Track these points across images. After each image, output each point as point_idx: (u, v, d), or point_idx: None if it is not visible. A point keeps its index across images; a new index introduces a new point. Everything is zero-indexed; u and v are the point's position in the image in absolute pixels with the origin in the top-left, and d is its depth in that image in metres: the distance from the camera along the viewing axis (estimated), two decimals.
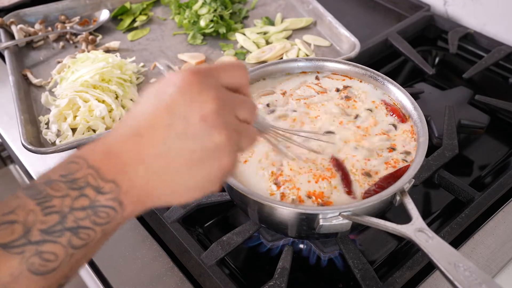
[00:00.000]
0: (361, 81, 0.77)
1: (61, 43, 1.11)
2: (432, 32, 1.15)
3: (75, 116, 0.88)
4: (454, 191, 0.77)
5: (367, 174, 0.63)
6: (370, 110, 0.72)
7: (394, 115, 0.71)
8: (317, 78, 0.78)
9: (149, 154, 0.41)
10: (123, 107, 0.91)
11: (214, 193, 0.48)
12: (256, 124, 0.53)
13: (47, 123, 0.90)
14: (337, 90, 0.75)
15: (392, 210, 0.65)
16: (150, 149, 0.41)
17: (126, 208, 0.41)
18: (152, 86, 0.44)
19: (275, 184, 0.62)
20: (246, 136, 0.46)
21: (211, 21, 1.11)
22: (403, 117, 0.71)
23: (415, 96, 0.93)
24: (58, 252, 0.38)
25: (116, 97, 0.92)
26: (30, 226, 0.37)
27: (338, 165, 0.64)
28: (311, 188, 0.62)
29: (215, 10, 1.13)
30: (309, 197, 0.61)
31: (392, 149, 0.66)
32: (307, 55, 1.03)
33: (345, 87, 0.76)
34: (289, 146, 0.66)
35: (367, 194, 0.61)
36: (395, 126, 0.69)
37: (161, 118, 0.41)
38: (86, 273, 0.85)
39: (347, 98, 0.74)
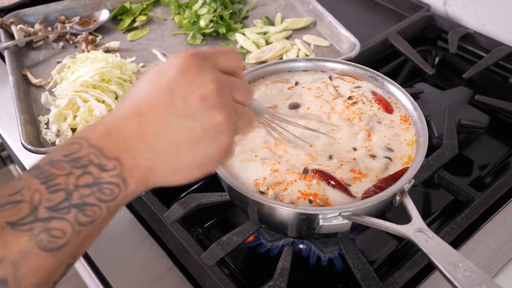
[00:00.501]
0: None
1: (61, 43, 1.11)
2: (432, 32, 1.15)
3: (75, 116, 0.88)
4: (454, 191, 0.77)
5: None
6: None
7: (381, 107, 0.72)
8: (330, 78, 0.78)
9: (151, 132, 0.42)
10: None
11: (212, 173, 0.49)
12: (252, 108, 0.55)
13: (47, 123, 0.90)
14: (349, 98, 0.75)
15: (392, 210, 0.65)
16: (151, 128, 0.42)
17: (130, 185, 0.42)
18: (150, 70, 0.46)
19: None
20: (243, 118, 0.48)
21: (211, 21, 1.11)
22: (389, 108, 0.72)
23: (415, 96, 0.93)
24: (65, 229, 0.38)
25: (116, 97, 0.92)
26: (37, 204, 0.38)
27: (324, 175, 0.63)
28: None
29: (215, 10, 1.13)
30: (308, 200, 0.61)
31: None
32: (307, 55, 1.03)
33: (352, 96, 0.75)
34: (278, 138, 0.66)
35: (366, 194, 0.61)
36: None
37: (161, 98, 0.43)
38: (86, 273, 0.85)
39: (354, 103, 0.74)
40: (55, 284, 0.41)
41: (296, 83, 0.77)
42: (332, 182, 0.62)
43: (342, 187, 0.62)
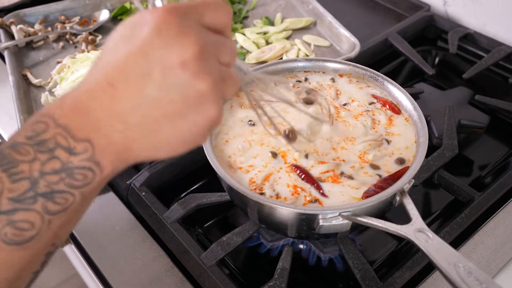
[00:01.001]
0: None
1: (61, 43, 1.11)
2: (432, 32, 1.15)
3: None
4: (454, 191, 0.77)
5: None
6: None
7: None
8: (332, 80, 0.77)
9: (125, 107, 0.37)
10: None
11: (200, 145, 0.43)
12: (240, 73, 0.48)
13: None
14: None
15: (392, 210, 0.65)
16: (125, 102, 0.37)
17: (104, 167, 0.37)
18: (120, 26, 0.39)
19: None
20: (230, 82, 0.41)
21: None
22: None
23: (415, 96, 0.93)
24: (33, 220, 0.35)
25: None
26: None
27: (302, 171, 0.63)
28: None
29: None
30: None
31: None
32: (307, 55, 1.03)
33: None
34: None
35: (367, 194, 0.61)
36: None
37: (135, 65, 0.37)
38: (86, 273, 0.85)
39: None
40: (36, 274, 0.38)
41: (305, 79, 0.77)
42: (303, 176, 0.62)
43: (315, 184, 0.62)
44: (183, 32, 0.37)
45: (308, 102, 0.71)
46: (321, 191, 0.61)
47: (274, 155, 0.66)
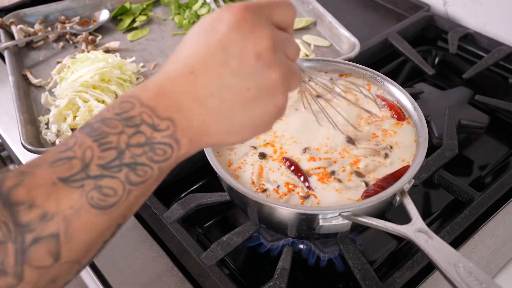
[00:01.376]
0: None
1: (61, 43, 1.11)
2: (432, 32, 1.15)
3: (75, 116, 0.88)
4: (454, 191, 0.77)
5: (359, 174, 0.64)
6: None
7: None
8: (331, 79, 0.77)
9: (204, 92, 0.41)
10: None
11: (266, 132, 0.49)
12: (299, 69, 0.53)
13: (47, 123, 0.90)
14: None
15: (392, 210, 0.65)
16: (205, 88, 0.41)
17: (182, 146, 0.41)
18: (200, 23, 0.43)
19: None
20: (295, 75, 0.45)
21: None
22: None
23: (415, 96, 0.93)
24: (116, 187, 0.38)
25: (116, 97, 0.92)
26: (88, 162, 0.37)
27: (292, 163, 0.65)
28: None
29: None
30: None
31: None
32: (307, 55, 1.03)
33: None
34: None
35: (367, 193, 0.61)
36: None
37: (214, 56, 0.41)
38: (86, 273, 0.85)
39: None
40: (105, 244, 0.41)
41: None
42: (292, 168, 0.64)
43: (303, 176, 0.63)
44: (257, 27, 0.41)
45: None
46: (307, 184, 0.62)
47: (254, 148, 0.68)
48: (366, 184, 0.62)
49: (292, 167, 0.64)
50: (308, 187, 0.62)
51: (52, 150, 0.39)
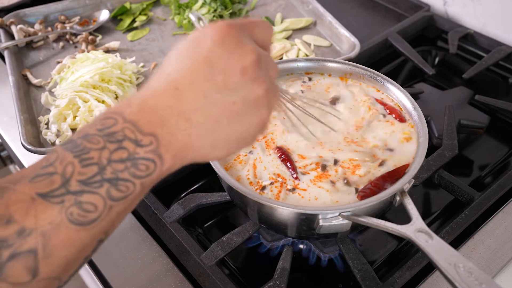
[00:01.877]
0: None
1: (61, 43, 1.11)
2: (432, 32, 1.15)
3: (75, 116, 0.88)
4: (454, 191, 0.77)
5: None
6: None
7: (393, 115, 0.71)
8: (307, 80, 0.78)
9: (190, 108, 0.41)
10: None
11: (249, 146, 0.49)
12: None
13: (47, 123, 0.90)
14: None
15: (392, 210, 0.65)
16: (190, 103, 0.41)
17: (166, 161, 0.40)
18: (185, 40, 0.43)
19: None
20: (276, 93, 0.46)
21: (211, 21, 1.11)
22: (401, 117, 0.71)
23: (415, 96, 0.93)
24: (97, 203, 0.38)
25: (116, 97, 0.92)
26: (69, 177, 0.37)
27: (283, 153, 0.66)
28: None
29: (215, 10, 1.13)
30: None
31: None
32: (307, 55, 1.03)
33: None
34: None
35: (363, 192, 0.61)
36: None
37: (200, 71, 0.41)
38: (86, 273, 0.85)
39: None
40: (86, 260, 0.40)
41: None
42: (283, 157, 0.65)
43: (292, 166, 0.64)
44: (242, 42, 0.42)
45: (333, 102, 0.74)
46: (295, 175, 0.63)
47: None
48: (356, 190, 0.62)
49: (283, 156, 0.65)
50: (296, 178, 0.63)
51: (33, 166, 0.39)
